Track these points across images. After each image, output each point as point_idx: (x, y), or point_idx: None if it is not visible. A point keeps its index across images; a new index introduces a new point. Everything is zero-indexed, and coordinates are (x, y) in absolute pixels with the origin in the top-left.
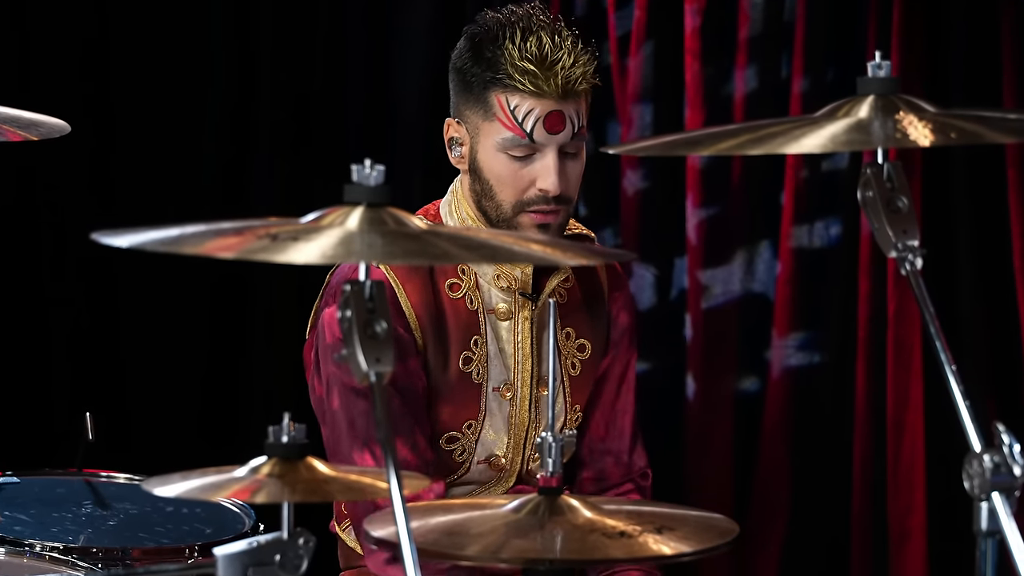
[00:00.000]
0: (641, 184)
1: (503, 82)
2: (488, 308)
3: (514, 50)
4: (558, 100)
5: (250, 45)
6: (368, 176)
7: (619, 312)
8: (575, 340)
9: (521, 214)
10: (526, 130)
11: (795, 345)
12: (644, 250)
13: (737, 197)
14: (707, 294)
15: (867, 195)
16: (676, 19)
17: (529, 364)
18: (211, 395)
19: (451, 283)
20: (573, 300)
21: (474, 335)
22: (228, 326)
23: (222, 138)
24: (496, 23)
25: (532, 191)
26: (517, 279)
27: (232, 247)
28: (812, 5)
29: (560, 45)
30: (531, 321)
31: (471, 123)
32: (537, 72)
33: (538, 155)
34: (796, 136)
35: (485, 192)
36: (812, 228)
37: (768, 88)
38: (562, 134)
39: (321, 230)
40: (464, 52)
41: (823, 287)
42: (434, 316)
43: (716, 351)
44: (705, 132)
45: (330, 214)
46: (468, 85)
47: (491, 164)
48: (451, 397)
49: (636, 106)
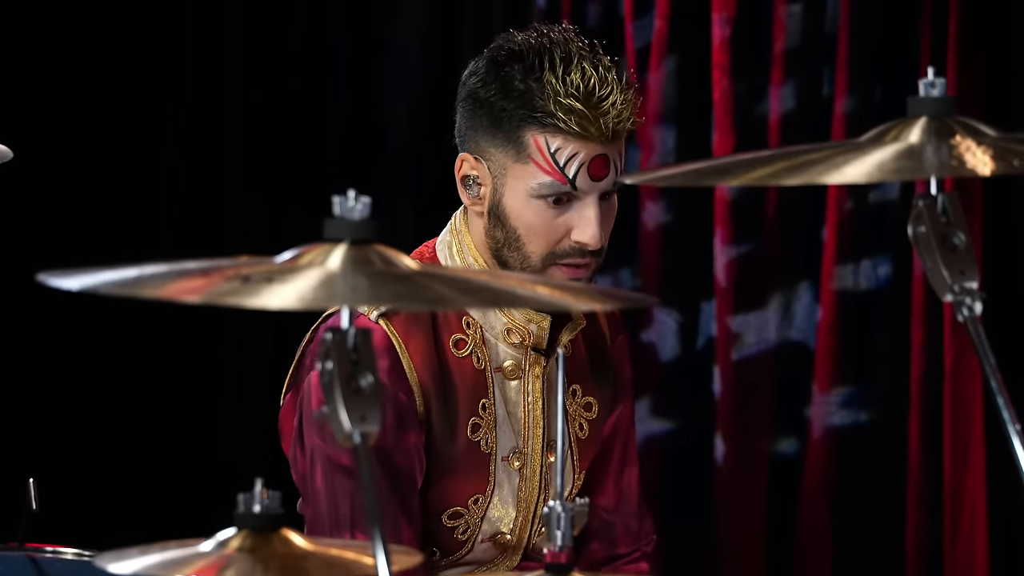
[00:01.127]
0: (663, 218)
1: (542, 121)
2: (495, 366)
3: (557, 84)
4: (604, 143)
5: (218, 57)
6: (352, 209)
7: (622, 361)
8: (581, 398)
9: (551, 267)
10: (568, 176)
11: (839, 402)
12: (666, 293)
13: (772, 233)
14: (738, 343)
15: (919, 231)
16: (702, 30)
17: (540, 428)
18: (172, 458)
19: (456, 339)
20: (577, 352)
21: (482, 398)
22: (191, 380)
23: (185, 165)
24: (530, 48)
25: (566, 242)
26: (532, 334)
27: (198, 290)
28: (857, 14)
29: (607, 79)
30: (543, 379)
31: (496, 162)
32: (585, 112)
33: (576, 203)
34: (838, 164)
35: (510, 241)
36: (858, 268)
37: (807, 108)
38: (605, 180)
39: (298, 270)
40: (488, 80)
41: (871, 335)
42: (439, 379)
43: (748, 408)
44: (735, 159)
45: (308, 252)
46: (495, 120)
47: (521, 211)
48: (457, 470)
49: (657, 129)
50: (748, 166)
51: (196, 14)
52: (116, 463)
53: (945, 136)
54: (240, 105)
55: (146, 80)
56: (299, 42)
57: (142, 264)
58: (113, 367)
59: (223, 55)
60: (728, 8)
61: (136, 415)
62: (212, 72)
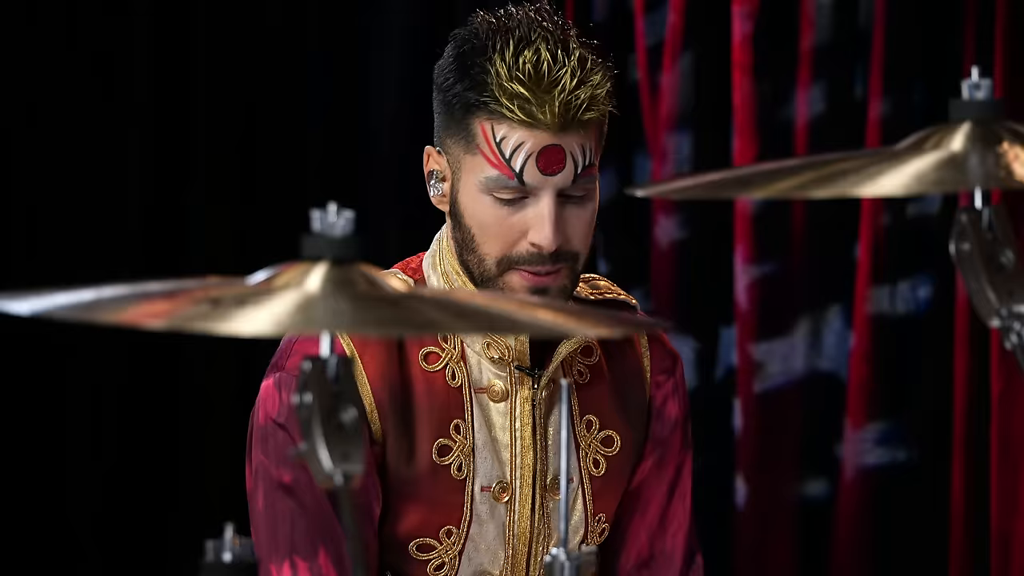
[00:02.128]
0: (677, 234)
1: (488, 106)
2: (477, 386)
3: (502, 66)
4: (556, 132)
5: (181, 53)
6: (333, 224)
7: (666, 401)
8: (599, 431)
9: (509, 272)
10: (514, 169)
11: (874, 439)
12: (681, 317)
13: (799, 251)
14: (762, 374)
15: (962, 248)
16: (721, 24)
17: (530, 458)
18: (128, 498)
19: (428, 352)
20: (598, 381)
21: (455, 419)
22: (152, 413)
23: (146, 174)
24: (487, 29)
25: (523, 244)
26: (511, 349)
27: (162, 314)
28: (895, 7)
29: (563, 60)
30: (532, 403)
31: (453, 155)
32: (529, 96)
33: (531, 200)
34: (872, 174)
35: (467, 242)
36: (895, 290)
37: (838, 112)
38: (561, 175)
39: (274, 293)
40: (447, 65)
41: (909, 364)
42: (398, 394)
43: (773, 446)
44: (758, 169)
45: (285, 273)
46: (449, 107)
47: (474, 208)
48: (419, 495)
49: (671, 135)
50: (772, 177)
51: (155, 7)
52: (66, 505)
53: (991, 143)
54: (206, 109)
55: (103, 81)
56: (273, 41)
57: (99, 286)
58: (67, 398)
59: (187, 52)
60: (750, 0)
61: (86, 448)
62: (174, 71)
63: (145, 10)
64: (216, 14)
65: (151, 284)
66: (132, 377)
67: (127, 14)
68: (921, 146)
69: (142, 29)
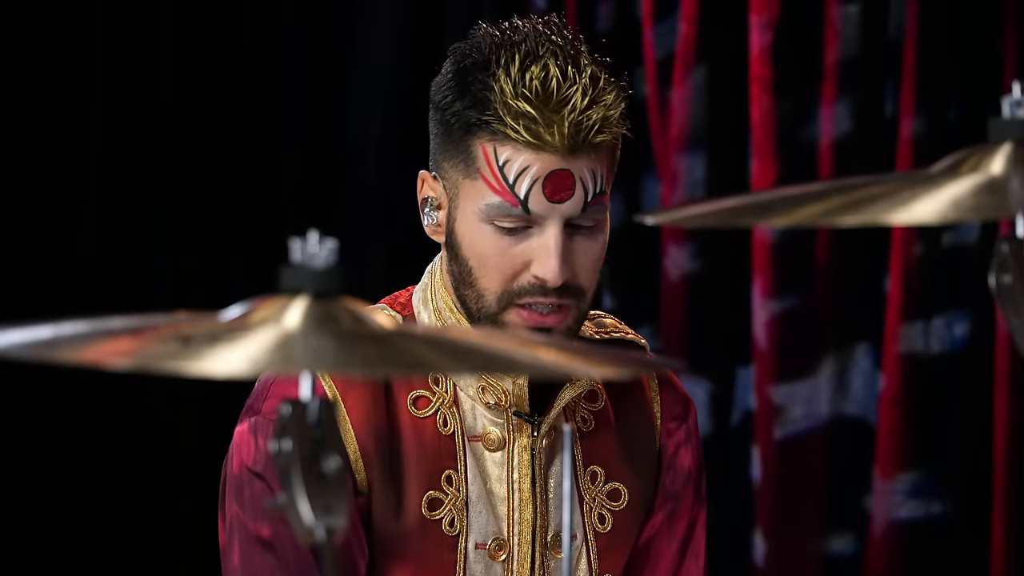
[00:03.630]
0: (690, 265)
1: (491, 126)
2: (471, 434)
3: (507, 82)
4: (565, 156)
5: (146, 71)
6: (314, 255)
7: (678, 450)
8: (604, 484)
9: (509, 309)
10: (519, 195)
11: (906, 490)
12: (693, 357)
13: (823, 284)
14: (783, 418)
15: (1003, 280)
16: (738, 35)
17: (529, 513)
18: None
19: (417, 396)
20: (604, 428)
21: (447, 469)
22: (111, 456)
23: (104, 198)
24: (490, 43)
25: (525, 277)
26: (508, 393)
27: (127, 353)
28: (928, 16)
29: (574, 78)
30: (531, 452)
31: (450, 179)
32: (536, 115)
33: (535, 229)
34: (904, 200)
35: (464, 276)
36: (929, 326)
37: (866, 131)
38: (569, 202)
39: (250, 329)
40: (446, 81)
41: (945, 408)
42: (385, 441)
43: (795, 498)
44: (778, 194)
45: (262, 308)
46: (447, 127)
47: (472, 237)
48: (408, 553)
49: (682, 156)
50: (794, 203)
51: (115, 15)
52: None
53: None
54: (172, 129)
55: (62, 95)
56: (245, 57)
57: (57, 321)
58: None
59: (152, 70)
60: (769, 9)
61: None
62: (138, 91)
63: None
64: (183, 28)
65: (114, 320)
66: (89, 416)
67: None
68: (957, 169)
69: (103, 57)
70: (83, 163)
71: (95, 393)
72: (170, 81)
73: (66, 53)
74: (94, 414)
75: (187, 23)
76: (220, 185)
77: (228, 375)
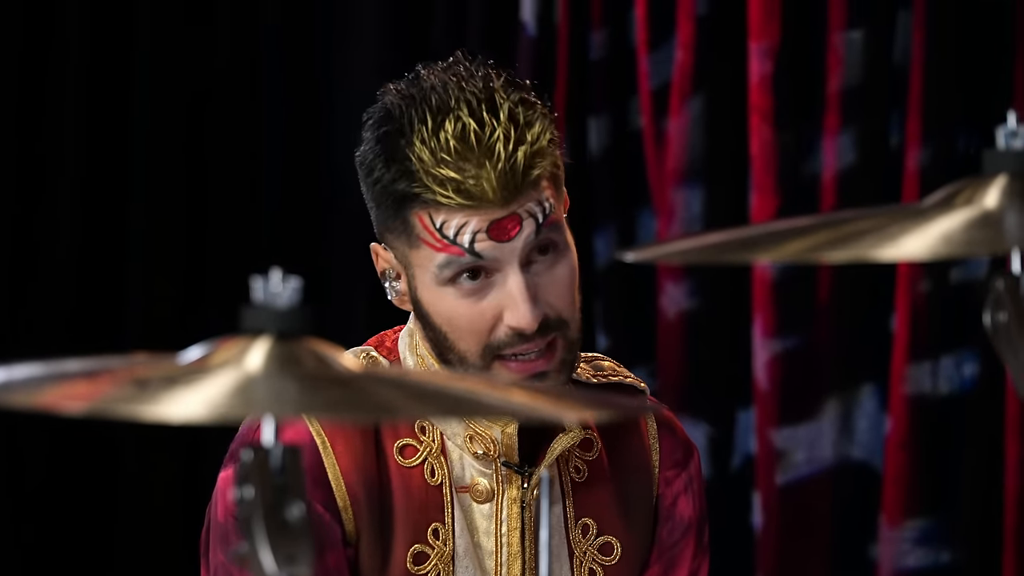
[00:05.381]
0: (687, 303)
1: (421, 197)
2: (459, 484)
3: (424, 150)
4: (502, 205)
5: (120, 101)
6: (277, 294)
7: (677, 500)
8: (596, 537)
9: (495, 363)
10: (463, 245)
11: (914, 537)
12: (691, 399)
13: (827, 322)
14: (785, 463)
15: (998, 318)
16: (737, 63)
17: (518, 568)
18: None
19: (404, 445)
20: (598, 479)
21: (434, 522)
22: (81, 503)
23: (73, 235)
24: (399, 103)
25: (501, 330)
26: (497, 442)
27: (81, 397)
28: (935, 43)
29: (492, 123)
30: (522, 505)
31: (398, 250)
32: (461, 178)
33: (496, 277)
34: (893, 235)
35: (440, 342)
36: (937, 366)
37: (871, 163)
38: (520, 237)
39: (209, 372)
40: (369, 152)
41: (953, 452)
42: (374, 489)
43: (798, 546)
44: (766, 229)
45: (223, 349)
46: (381, 199)
47: (436, 304)
48: None
49: (679, 189)
50: (781, 238)
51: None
52: None
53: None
54: (146, 159)
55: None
56: (223, 78)
57: (9, 364)
58: None
59: (126, 96)
60: (770, 36)
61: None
62: (112, 111)
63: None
64: (159, 50)
65: (70, 363)
66: (55, 462)
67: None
68: (950, 202)
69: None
70: (53, 194)
71: (60, 436)
72: (147, 109)
73: (38, 81)
74: (64, 458)
75: (165, 50)
76: (198, 218)
77: (184, 420)
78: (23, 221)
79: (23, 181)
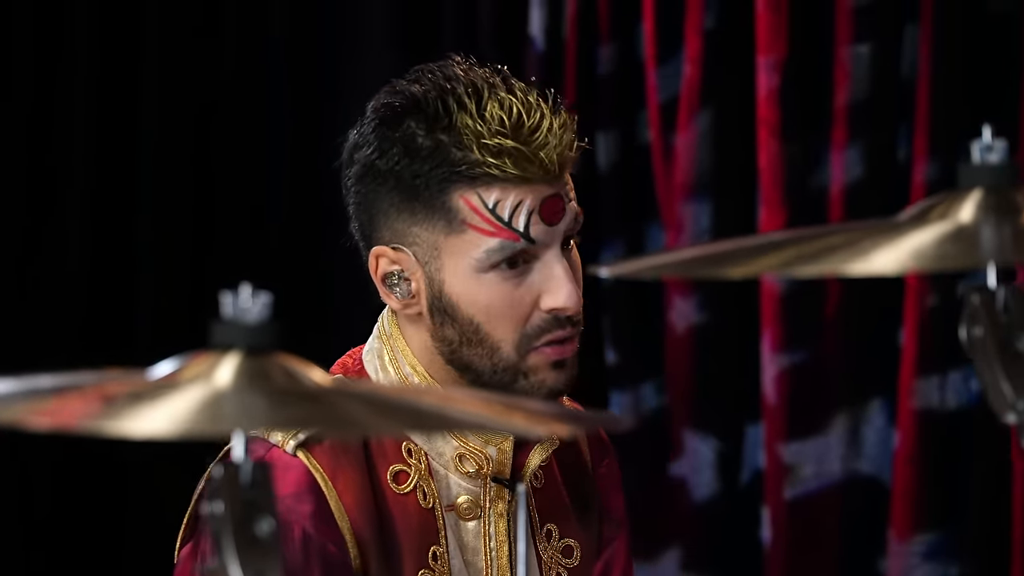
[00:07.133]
0: (695, 318)
1: (468, 174)
2: (447, 503)
3: (476, 124)
4: (552, 182)
5: (129, 110)
6: (247, 309)
7: (609, 491)
8: (559, 541)
9: (530, 354)
10: (519, 230)
11: (923, 551)
12: (700, 413)
13: (835, 336)
14: (793, 478)
15: (974, 333)
16: (745, 77)
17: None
18: None
19: (396, 471)
20: (551, 484)
21: (431, 545)
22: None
23: (83, 246)
24: (426, 93)
25: (537, 316)
26: (492, 460)
27: (47, 412)
28: (942, 56)
29: (531, 103)
30: (508, 518)
31: (424, 244)
32: (520, 148)
33: (536, 263)
34: (864, 249)
35: (468, 336)
36: (945, 381)
37: (879, 177)
38: (563, 222)
39: (177, 388)
40: (384, 146)
41: (962, 467)
42: (377, 523)
43: (807, 561)
44: (737, 244)
45: (192, 365)
46: (410, 191)
47: (475, 293)
48: None
49: (687, 203)
50: (753, 253)
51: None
52: None
53: (1007, 212)
54: (153, 170)
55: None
56: (230, 89)
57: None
58: None
59: (134, 104)
60: (777, 50)
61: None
62: (119, 125)
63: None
64: (167, 62)
65: (42, 378)
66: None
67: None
68: (925, 217)
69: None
70: (63, 206)
71: (71, 462)
72: (155, 121)
73: (47, 94)
74: (72, 484)
75: (172, 66)
76: (205, 229)
77: (149, 436)
78: (33, 233)
79: (33, 193)
